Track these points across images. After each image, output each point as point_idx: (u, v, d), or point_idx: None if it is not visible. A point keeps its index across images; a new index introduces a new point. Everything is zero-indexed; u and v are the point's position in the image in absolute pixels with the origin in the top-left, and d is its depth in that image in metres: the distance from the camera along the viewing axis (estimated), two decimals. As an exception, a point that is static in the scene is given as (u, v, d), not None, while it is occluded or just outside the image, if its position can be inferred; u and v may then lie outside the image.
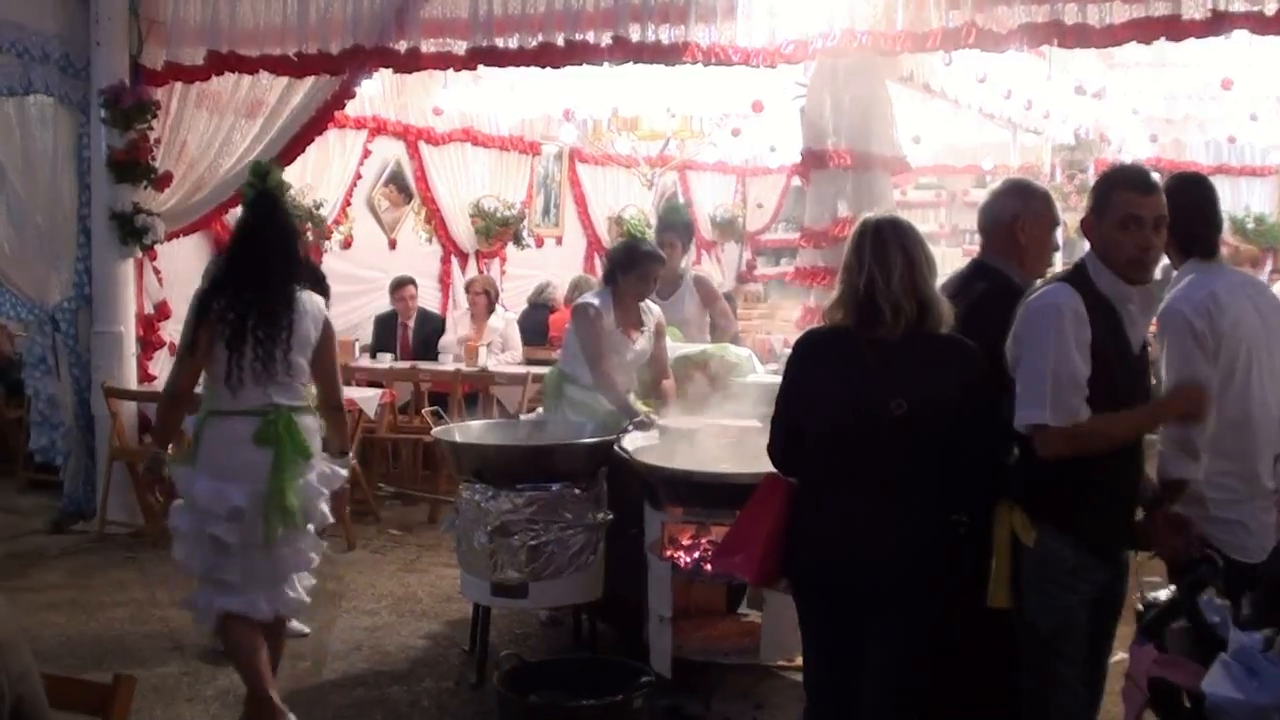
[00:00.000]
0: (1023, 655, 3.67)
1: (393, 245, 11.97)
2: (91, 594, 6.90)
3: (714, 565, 4.92)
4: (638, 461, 5.28)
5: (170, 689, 5.55)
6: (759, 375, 6.79)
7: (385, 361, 10.03)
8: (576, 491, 5.52)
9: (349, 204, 11.20)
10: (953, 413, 3.57)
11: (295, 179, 9.54)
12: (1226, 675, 3.06)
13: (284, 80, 8.28)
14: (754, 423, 5.80)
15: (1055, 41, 6.61)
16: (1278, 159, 14.42)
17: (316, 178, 10.66)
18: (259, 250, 4.85)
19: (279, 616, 5.02)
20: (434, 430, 6.03)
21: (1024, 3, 6.35)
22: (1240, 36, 6.47)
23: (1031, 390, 3.49)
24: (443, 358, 10.18)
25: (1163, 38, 6.25)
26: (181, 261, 8.87)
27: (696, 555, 5.25)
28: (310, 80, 8.21)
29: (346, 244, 11.26)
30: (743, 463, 4.90)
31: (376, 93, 10.66)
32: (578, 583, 5.57)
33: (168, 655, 5.98)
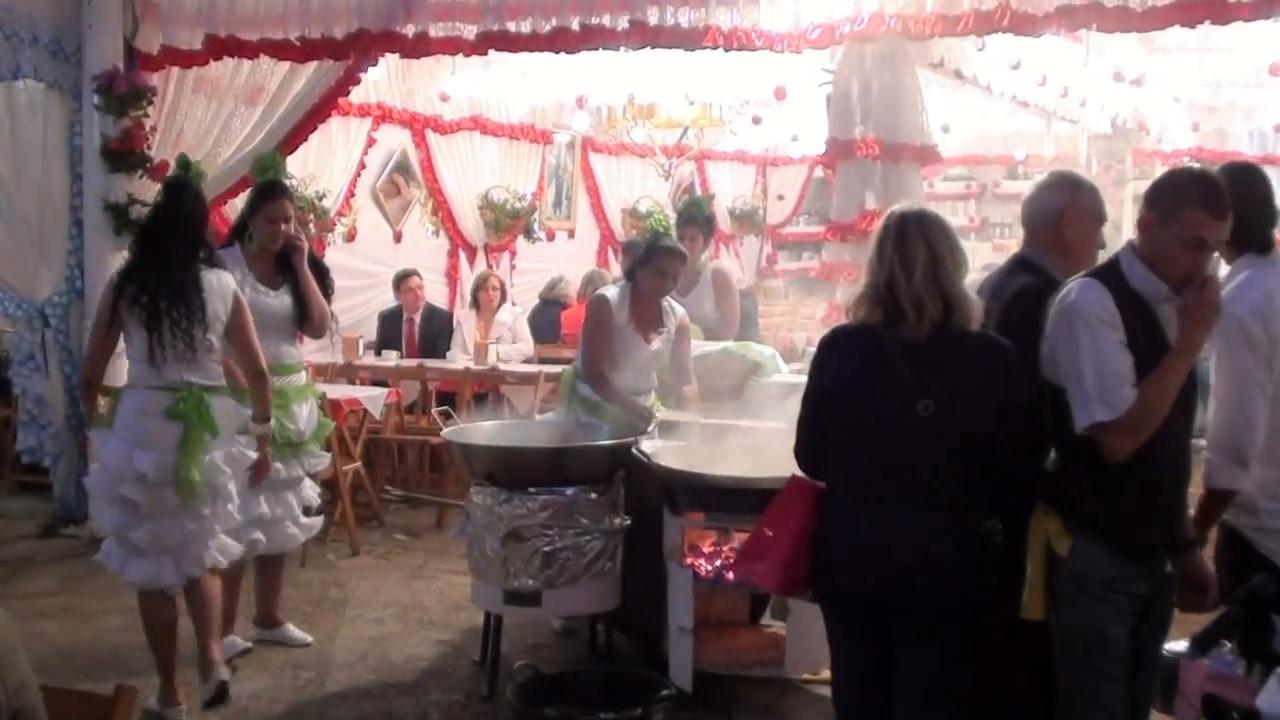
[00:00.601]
0: (1057, 671, 3.64)
1: (398, 238, 11.97)
2: (83, 602, 6.89)
3: (736, 573, 4.90)
4: (657, 465, 5.27)
5: (167, 701, 5.53)
6: (783, 375, 6.80)
7: (390, 359, 10.01)
8: (593, 495, 5.50)
9: (353, 195, 11.19)
10: (985, 414, 3.55)
11: (297, 169, 9.58)
12: (1284, 692, 3.03)
13: (285, 66, 8.26)
14: (778, 424, 5.81)
15: (1094, 25, 6.60)
16: (1327, 149, 14.33)
17: (319, 167, 10.65)
18: (159, 235, 5.36)
19: (200, 577, 5.38)
20: (444, 431, 6.01)
21: (1062, -16, 6.34)
22: (1289, 20, 6.46)
23: (1078, 393, 3.47)
24: (451, 354, 10.12)
25: (1207, 21, 6.23)
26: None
27: (718, 563, 5.25)
28: (313, 66, 8.18)
29: (350, 237, 11.26)
30: (766, 466, 4.87)
31: (381, 78, 10.68)
32: (594, 591, 5.55)
33: (164, 665, 5.97)
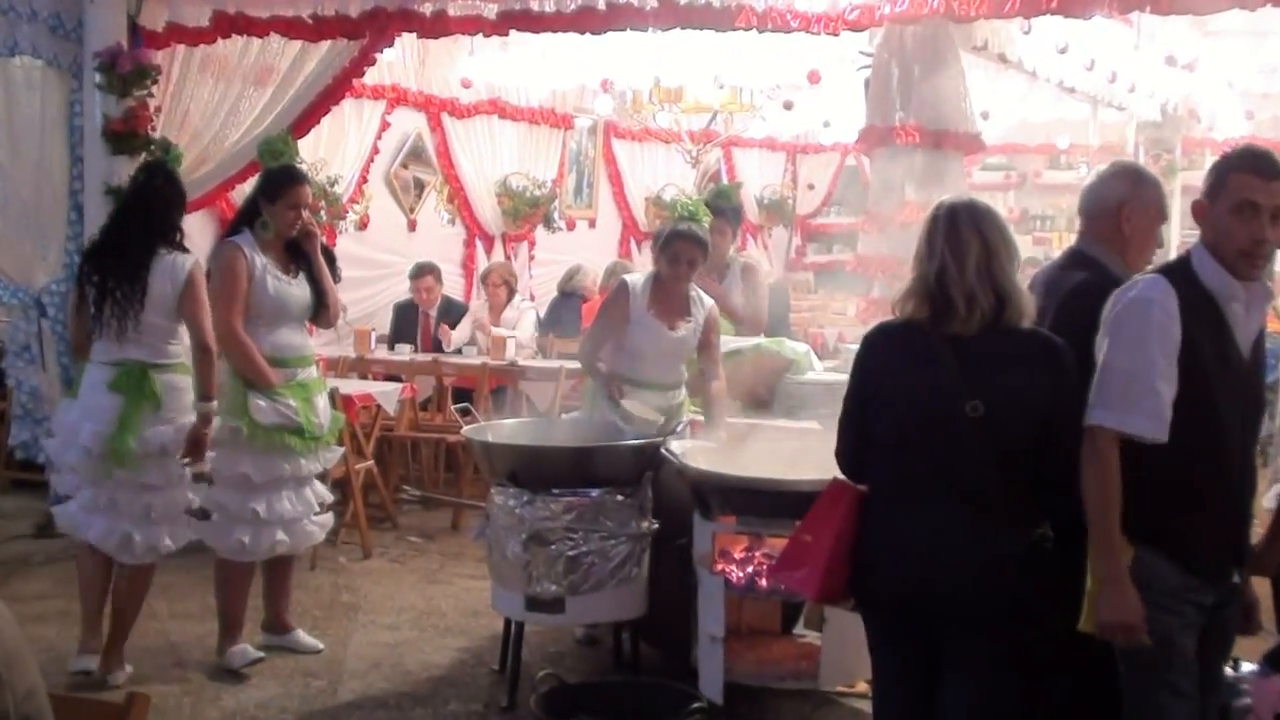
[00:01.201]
0: (1124, 687, 3.60)
1: (412, 226, 11.93)
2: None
3: (773, 580, 4.89)
4: (687, 466, 5.25)
5: (172, 709, 5.54)
6: (817, 373, 6.78)
7: (405, 353, 10.01)
8: (619, 498, 5.48)
9: (365, 180, 11.14)
10: (1037, 415, 3.52)
11: (308, 153, 9.51)
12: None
13: (297, 45, 8.20)
14: (813, 424, 5.79)
15: (1148, 7, 6.53)
16: (1387, 139, 14.24)
17: (330, 152, 10.60)
18: (124, 216, 5.90)
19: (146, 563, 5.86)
20: (464, 429, 6.00)
21: (1115, -37, 6.30)
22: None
23: (1098, 384, 3.44)
24: (467, 350, 10.12)
25: (1268, 4, 6.17)
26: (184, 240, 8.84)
27: (750, 570, 5.22)
28: (326, 45, 8.13)
29: (363, 224, 11.19)
30: (801, 468, 4.85)
31: (396, 59, 10.66)
32: (619, 597, 5.54)
33: (169, 672, 5.97)
